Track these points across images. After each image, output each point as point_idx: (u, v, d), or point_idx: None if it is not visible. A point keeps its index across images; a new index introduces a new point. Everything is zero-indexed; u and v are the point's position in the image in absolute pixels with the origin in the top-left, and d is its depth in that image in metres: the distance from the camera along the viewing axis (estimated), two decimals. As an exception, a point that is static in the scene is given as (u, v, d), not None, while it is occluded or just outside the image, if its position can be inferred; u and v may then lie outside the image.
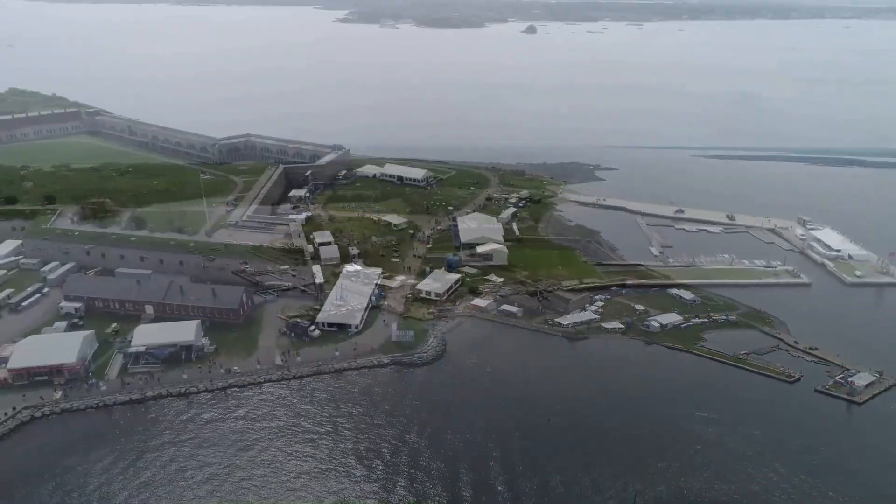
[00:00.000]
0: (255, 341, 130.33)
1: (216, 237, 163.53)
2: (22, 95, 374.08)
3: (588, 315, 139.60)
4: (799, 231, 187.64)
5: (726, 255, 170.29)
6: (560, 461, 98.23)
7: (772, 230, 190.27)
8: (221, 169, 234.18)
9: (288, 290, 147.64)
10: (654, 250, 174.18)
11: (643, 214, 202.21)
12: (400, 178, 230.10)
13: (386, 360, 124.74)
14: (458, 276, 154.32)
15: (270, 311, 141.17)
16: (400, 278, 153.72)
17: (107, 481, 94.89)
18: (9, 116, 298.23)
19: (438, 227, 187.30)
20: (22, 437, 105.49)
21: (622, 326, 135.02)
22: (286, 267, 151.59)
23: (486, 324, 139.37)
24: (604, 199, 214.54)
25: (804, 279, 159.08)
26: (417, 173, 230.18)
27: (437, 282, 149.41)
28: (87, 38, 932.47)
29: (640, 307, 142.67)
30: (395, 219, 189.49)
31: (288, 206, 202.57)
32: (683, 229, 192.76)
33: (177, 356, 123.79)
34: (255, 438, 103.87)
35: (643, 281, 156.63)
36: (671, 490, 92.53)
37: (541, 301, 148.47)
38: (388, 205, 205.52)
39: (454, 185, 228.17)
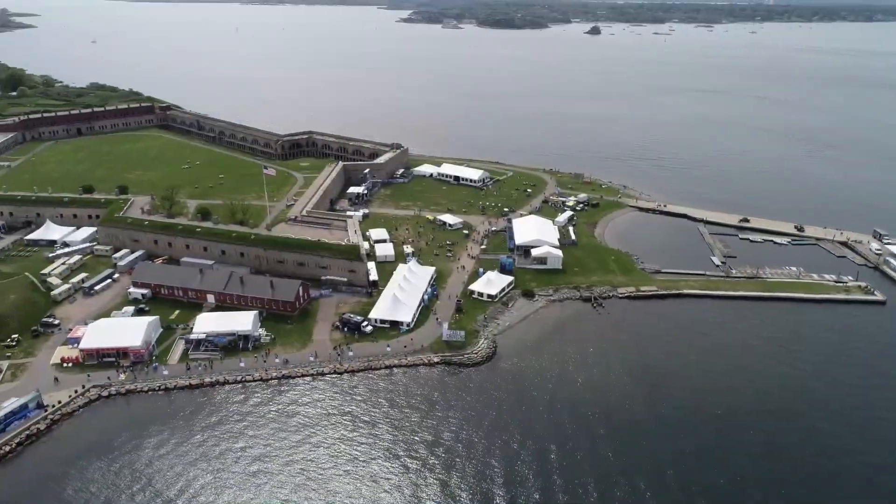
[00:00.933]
0: (310, 334, 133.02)
1: (276, 231, 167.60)
2: (102, 90, 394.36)
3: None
4: (874, 245, 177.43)
5: (793, 268, 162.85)
6: (599, 468, 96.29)
7: (844, 243, 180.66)
8: (283, 164, 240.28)
9: (343, 285, 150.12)
10: (716, 260, 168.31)
11: (706, 222, 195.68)
12: (456, 178, 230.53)
13: (436, 359, 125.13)
14: (511, 278, 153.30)
15: (325, 306, 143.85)
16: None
17: (163, 460, 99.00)
18: (90, 110, 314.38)
19: (493, 229, 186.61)
20: (90, 413, 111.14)
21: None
22: None
23: (538, 327, 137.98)
24: (664, 205, 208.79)
25: (879, 296, 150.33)
26: (474, 174, 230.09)
27: (490, 283, 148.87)
28: (164, 36, 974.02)
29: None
30: (450, 218, 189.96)
31: (346, 202, 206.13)
32: (748, 239, 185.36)
33: (234, 345, 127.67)
34: (304, 429, 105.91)
35: (702, 291, 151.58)
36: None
37: (595, 307, 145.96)
38: (444, 204, 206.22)
39: (511, 186, 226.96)
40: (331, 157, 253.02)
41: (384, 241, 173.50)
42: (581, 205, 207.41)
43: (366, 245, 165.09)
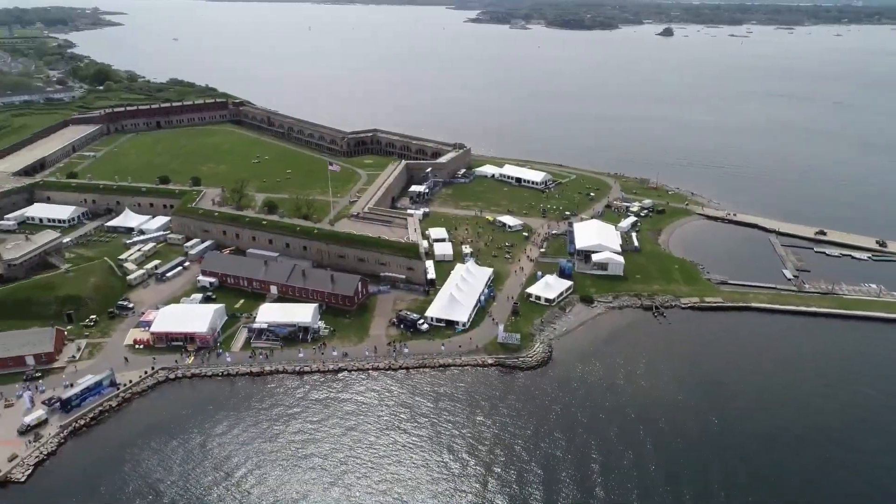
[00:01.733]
0: (367, 329, 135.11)
1: (338, 226, 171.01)
2: (181, 86, 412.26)
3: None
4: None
5: (873, 286, 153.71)
6: (645, 480, 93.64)
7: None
8: (348, 161, 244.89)
9: (401, 282, 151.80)
10: (788, 273, 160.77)
11: (778, 233, 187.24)
12: (518, 180, 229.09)
13: (490, 361, 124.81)
14: (569, 282, 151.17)
15: (382, 302, 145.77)
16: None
17: (222, 441, 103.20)
18: (168, 104, 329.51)
19: (553, 232, 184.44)
20: (158, 393, 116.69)
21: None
22: None
23: (596, 333, 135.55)
24: (734, 214, 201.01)
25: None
26: (536, 175, 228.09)
27: (548, 287, 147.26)
28: (241, 34, 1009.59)
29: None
30: (510, 220, 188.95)
31: (407, 200, 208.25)
32: (824, 253, 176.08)
33: (295, 336, 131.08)
34: (354, 421, 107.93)
35: (771, 305, 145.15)
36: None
37: (656, 316, 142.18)
38: (505, 206, 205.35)
39: (573, 189, 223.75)
40: (394, 156, 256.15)
41: (443, 240, 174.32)
42: (646, 211, 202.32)
43: (425, 244, 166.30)
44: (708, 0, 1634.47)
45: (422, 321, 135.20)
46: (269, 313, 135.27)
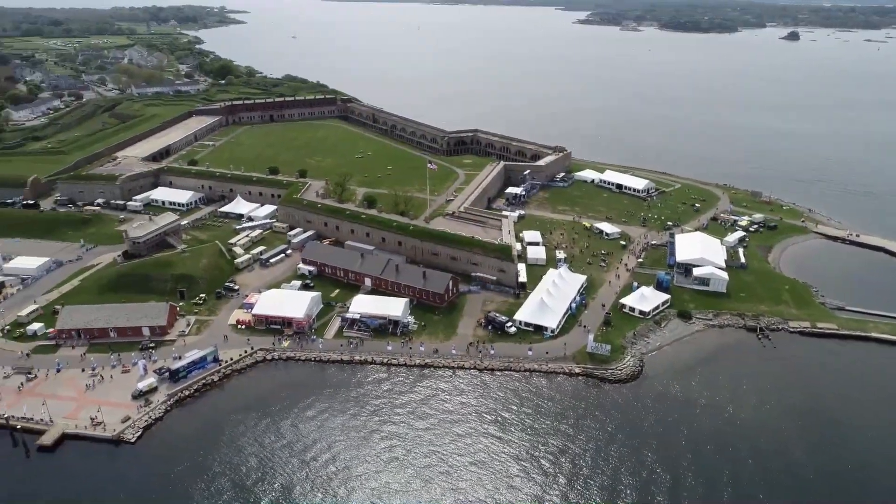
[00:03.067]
0: (455, 327, 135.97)
1: (433, 224, 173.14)
2: (294, 81, 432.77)
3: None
4: None
5: None
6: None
7: None
8: (447, 160, 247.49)
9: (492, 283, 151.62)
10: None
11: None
12: (619, 186, 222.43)
13: (577, 370, 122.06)
14: (667, 296, 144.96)
15: (472, 302, 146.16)
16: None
17: (309, 423, 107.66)
18: (282, 99, 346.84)
19: (653, 242, 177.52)
20: (255, 372, 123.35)
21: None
22: None
23: (692, 351, 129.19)
24: (857, 235, 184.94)
25: None
26: (638, 183, 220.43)
27: (643, 298, 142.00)
28: (354, 33, 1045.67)
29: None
30: (607, 227, 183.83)
31: (503, 202, 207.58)
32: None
33: (384, 328, 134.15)
34: (436, 417, 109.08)
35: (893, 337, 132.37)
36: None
37: (760, 339, 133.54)
38: (603, 212, 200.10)
39: (677, 199, 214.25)
40: (493, 156, 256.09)
41: (537, 243, 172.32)
42: (756, 226, 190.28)
43: (518, 246, 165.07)
44: (841, 2, 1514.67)
45: (510, 324, 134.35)
46: (362, 304, 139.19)
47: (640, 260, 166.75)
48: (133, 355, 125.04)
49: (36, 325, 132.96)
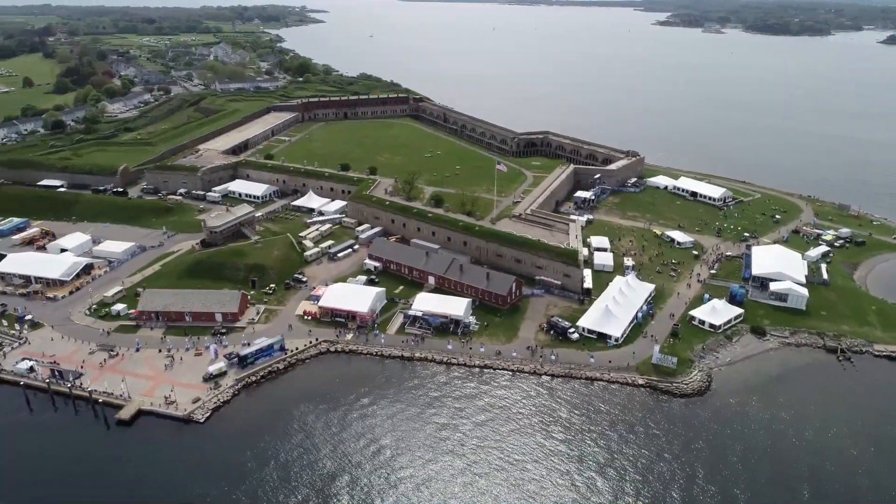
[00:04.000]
0: (516, 330, 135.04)
1: (499, 225, 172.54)
2: (368, 80, 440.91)
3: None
4: None
5: None
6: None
7: None
8: (516, 162, 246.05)
9: (556, 288, 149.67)
10: None
11: None
12: (693, 194, 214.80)
13: (640, 381, 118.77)
14: (740, 310, 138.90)
15: (535, 305, 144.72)
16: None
17: (369, 415, 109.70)
18: (356, 97, 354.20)
19: (727, 254, 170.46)
20: (318, 363, 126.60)
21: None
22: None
23: (764, 369, 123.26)
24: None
25: None
26: (714, 191, 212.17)
27: (715, 311, 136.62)
28: (430, 33, 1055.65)
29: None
30: (679, 236, 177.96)
31: (571, 206, 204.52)
32: None
33: (446, 327, 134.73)
34: (493, 418, 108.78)
35: None
36: None
37: (841, 361, 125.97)
38: (675, 220, 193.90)
39: (756, 209, 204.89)
40: (563, 159, 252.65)
41: (604, 249, 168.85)
42: (841, 241, 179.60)
43: (585, 251, 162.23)
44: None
45: (573, 330, 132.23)
46: (425, 302, 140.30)
47: (713, 271, 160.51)
48: (205, 339, 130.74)
49: (119, 306, 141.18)
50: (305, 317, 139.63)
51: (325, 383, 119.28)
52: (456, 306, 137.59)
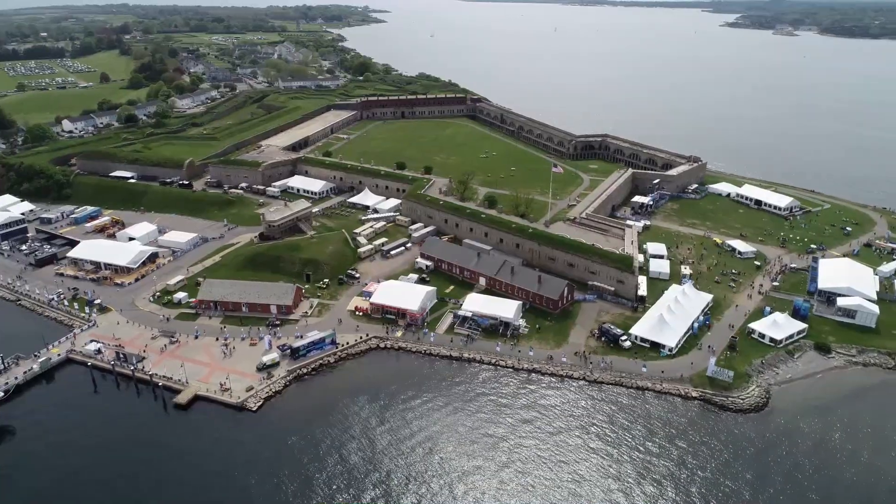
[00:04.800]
0: (566, 335, 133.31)
1: (553, 228, 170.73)
2: (427, 80, 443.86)
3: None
4: None
5: None
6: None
7: None
8: (573, 164, 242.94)
9: (609, 294, 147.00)
10: None
11: None
12: (758, 202, 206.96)
13: (693, 394, 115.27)
14: (803, 325, 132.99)
15: (586, 311, 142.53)
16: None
17: (415, 411, 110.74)
18: (414, 96, 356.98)
19: (792, 265, 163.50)
20: (368, 358, 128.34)
21: None
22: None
23: (828, 388, 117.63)
24: None
25: None
26: (780, 200, 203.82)
27: (776, 325, 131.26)
28: (490, 33, 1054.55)
29: None
30: (741, 245, 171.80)
31: (628, 211, 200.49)
32: None
33: (495, 329, 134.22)
34: (539, 423, 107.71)
35: None
36: None
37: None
38: (737, 229, 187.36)
39: (825, 220, 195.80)
40: (621, 163, 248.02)
41: (661, 256, 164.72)
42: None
43: (640, 258, 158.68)
44: None
45: (625, 337, 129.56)
46: (475, 303, 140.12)
47: (776, 283, 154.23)
48: (260, 330, 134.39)
49: (181, 294, 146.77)
50: (357, 312, 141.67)
51: (374, 379, 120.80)
52: (506, 308, 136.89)
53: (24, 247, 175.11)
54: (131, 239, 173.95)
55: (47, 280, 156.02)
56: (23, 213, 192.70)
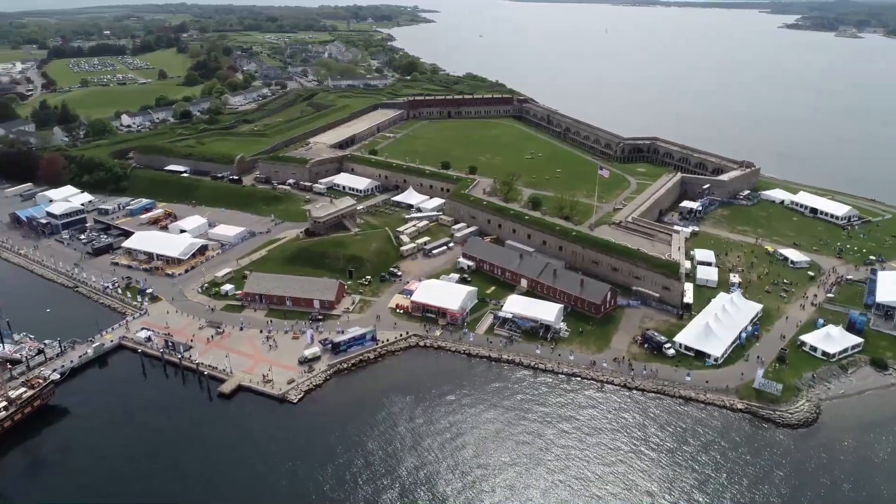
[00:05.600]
0: (608, 340, 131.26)
1: (597, 231, 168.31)
2: (474, 80, 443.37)
3: None
4: None
5: None
6: None
7: None
8: (620, 167, 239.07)
9: (653, 300, 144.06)
10: None
11: None
12: (813, 211, 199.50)
13: (740, 406, 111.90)
14: (859, 339, 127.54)
15: (629, 316, 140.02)
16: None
17: (452, 410, 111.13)
18: (460, 96, 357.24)
19: (848, 277, 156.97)
20: (408, 356, 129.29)
21: None
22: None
23: (884, 406, 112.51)
24: None
25: None
26: (838, 208, 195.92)
27: (829, 338, 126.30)
28: (539, 33, 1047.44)
29: None
30: (794, 255, 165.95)
31: (676, 216, 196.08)
32: None
33: (535, 331, 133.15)
34: (576, 428, 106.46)
35: None
36: None
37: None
38: (791, 237, 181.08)
39: (886, 231, 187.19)
40: (670, 167, 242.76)
41: (709, 264, 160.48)
42: None
43: (687, 264, 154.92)
44: None
45: (669, 345, 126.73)
46: (516, 305, 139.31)
47: (831, 295, 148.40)
48: (303, 324, 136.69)
49: (228, 286, 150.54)
50: (398, 310, 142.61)
51: (413, 376, 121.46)
52: (547, 311, 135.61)
53: (82, 236, 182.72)
54: (182, 231, 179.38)
55: (103, 269, 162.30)
56: (82, 204, 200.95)
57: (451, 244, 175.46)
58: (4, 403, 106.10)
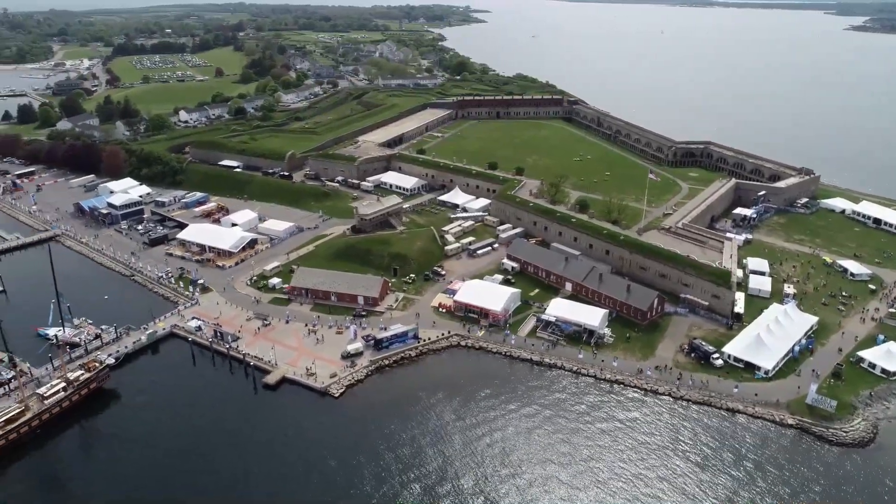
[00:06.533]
0: (653, 348, 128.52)
1: (646, 236, 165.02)
2: (524, 80, 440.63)
3: None
4: None
5: None
6: None
7: None
8: (671, 172, 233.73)
9: (703, 308, 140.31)
10: None
11: None
12: (876, 221, 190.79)
13: (790, 421, 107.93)
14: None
15: (676, 324, 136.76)
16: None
17: (490, 413, 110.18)
18: (510, 97, 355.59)
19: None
20: (449, 355, 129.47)
21: None
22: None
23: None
24: None
25: None
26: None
27: (890, 355, 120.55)
28: (593, 34, 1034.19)
29: None
30: (854, 266, 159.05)
31: (729, 223, 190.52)
32: None
33: (578, 335, 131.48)
34: (617, 437, 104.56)
35: None
36: None
37: None
38: (851, 248, 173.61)
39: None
40: (724, 172, 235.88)
41: (762, 273, 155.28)
42: None
43: (739, 273, 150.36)
44: None
45: (717, 355, 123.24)
46: (560, 308, 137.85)
47: (893, 310, 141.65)
48: (347, 320, 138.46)
49: (275, 280, 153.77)
50: (440, 309, 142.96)
51: (454, 376, 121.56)
52: (591, 315, 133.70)
53: (140, 227, 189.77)
54: (234, 225, 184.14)
55: (158, 259, 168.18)
56: (140, 196, 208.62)
57: (496, 245, 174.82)
58: (63, 384, 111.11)
